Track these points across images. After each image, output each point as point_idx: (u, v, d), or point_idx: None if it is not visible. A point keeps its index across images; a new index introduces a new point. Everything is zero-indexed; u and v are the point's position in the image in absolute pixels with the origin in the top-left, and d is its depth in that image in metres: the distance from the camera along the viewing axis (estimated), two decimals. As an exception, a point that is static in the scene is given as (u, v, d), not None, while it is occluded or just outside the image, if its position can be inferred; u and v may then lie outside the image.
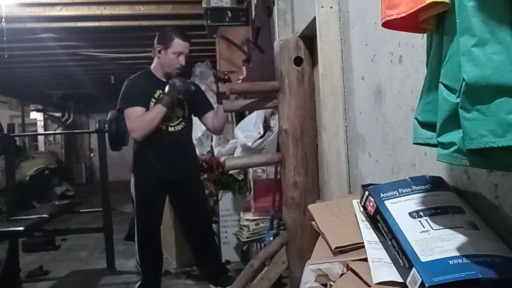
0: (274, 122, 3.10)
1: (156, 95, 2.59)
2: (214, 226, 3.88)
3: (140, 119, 2.51)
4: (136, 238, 2.75)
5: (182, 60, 2.59)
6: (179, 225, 2.92)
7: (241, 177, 3.60)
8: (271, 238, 2.59)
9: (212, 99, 2.99)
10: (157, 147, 2.60)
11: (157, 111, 2.50)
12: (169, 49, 2.56)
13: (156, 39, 2.65)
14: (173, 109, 2.61)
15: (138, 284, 2.78)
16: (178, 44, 2.57)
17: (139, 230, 2.74)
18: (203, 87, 3.12)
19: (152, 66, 2.69)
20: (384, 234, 0.95)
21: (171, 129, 2.63)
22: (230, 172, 3.49)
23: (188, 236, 2.90)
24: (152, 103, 2.57)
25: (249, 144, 3.10)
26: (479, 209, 0.94)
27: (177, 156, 2.66)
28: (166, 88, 2.53)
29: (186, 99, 2.66)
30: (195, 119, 2.87)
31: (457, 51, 0.66)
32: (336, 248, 1.11)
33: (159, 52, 2.60)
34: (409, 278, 0.83)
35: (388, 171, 1.39)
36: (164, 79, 2.63)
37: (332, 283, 1.04)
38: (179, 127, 2.66)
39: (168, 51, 2.57)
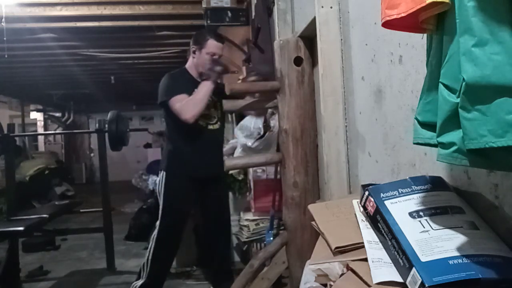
0: (274, 122, 3.10)
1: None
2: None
3: (190, 100, 2.49)
4: (155, 237, 2.64)
5: None
6: (200, 226, 2.89)
7: (241, 177, 3.60)
8: (271, 238, 2.59)
9: None
10: (199, 144, 2.61)
11: (206, 89, 2.50)
12: (204, 49, 2.59)
13: (191, 40, 2.69)
14: (210, 109, 2.64)
15: (140, 283, 2.71)
16: (212, 44, 2.60)
17: (163, 230, 2.63)
18: None
19: (187, 65, 2.71)
20: (384, 234, 0.96)
21: (210, 127, 2.66)
22: (230, 172, 3.49)
23: (206, 237, 2.87)
24: None
25: (249, 144, 3.10)
26: (479, 209, 0.94)
27: (214, 155, 2.69)
28: (210, 66, 2.54)
29: (219, 99, 2.67)
30: None
31: (457, 51, 0.66)
32: (336, 248, 1.11)
33: (194, 52, 2.64)
34: (409, 278, 0.83)
35: (388, 171, 1.39)
36: (199, 79, 2.65)
37: (332, 283, 1.04)
38: (216, 126, 2.69)
39: (202, 52, 2.60)
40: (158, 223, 2.67)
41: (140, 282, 2.68)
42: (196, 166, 2.63)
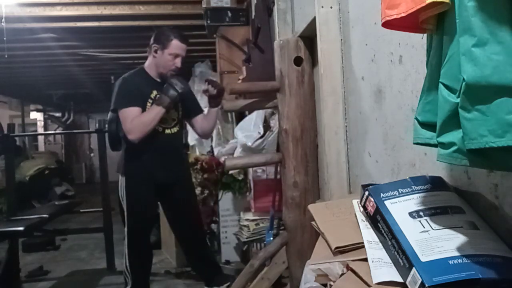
0: (274, 122, 3.10)
1: (152, 96, 2.52)
2: (214, 226, 3.89)
3: (138, 120, 2.42)
4: (126, 242, 2.62)
5: (178, 62, 2.53)
6: (171, 229, 2.89)
7: (241, 177, 3.60)
8: (271, 238, 2.59)
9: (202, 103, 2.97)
10: (154, 149, 2.53)
11: (156, 111, 2.42)
12: (166, 49, 2.49)
13: (153, 38, 2.58)
14: (169, 112, 2.55)
15: None
16: (176, 45, 2.50)
17: (130, 234, 2.62)
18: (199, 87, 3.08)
19: (146, 65, 2.62)
20: (384, 234, 0.96)
21: (167, 131, 2.58)
22: (230, 172, 3.49)
23: (179, 240, 2.88)
24: (149, 104, 2.50)
25: (249, 144, 3.10)
26: (479, 209, 0.94)
27: (172, 159, 2.62)
28: (165, 89, 2.45)
29: (181, 101, 2.60)
30: None
31: (457, 51, 0.66)
32: (336, 248, 1.11)
33: (155, 51, 2.53)
34: (409, 278, 0.83)
35: (388, 171, 1.39)
36: (158, 79, 2.57)
37: (332, 283, 1.04)
38: (174, 130, 2.61)
39: (164, 52, 2.50)
40: (126, 228, 2.63)
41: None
42: (152, 171, 2.57)
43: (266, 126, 3.24)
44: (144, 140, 2.47)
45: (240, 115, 3.99)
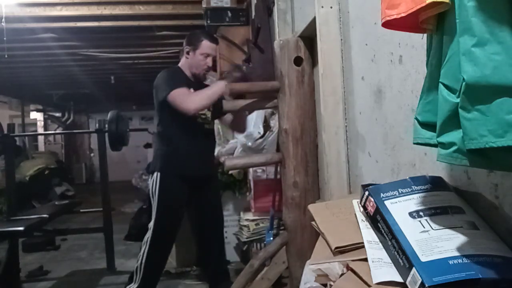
0: (274, 122, 3.10)
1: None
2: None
3: (197, 93, 2.47)
4: (149, 239, 2.56)
5: (209, 61, 2.62)
6: (194, 227, 2.86)
7: (241, 177, 3.60)
8: (271, 238, 2.59)
9: None
10: (197, 142, 2.60)
11: (217, 88, 2.44)
12: (198, 50, 2.59)
13: (185, 40, 2.69)
14: (205, 110, 2.64)
15: (134, 287, 2.60)
16: (207, 46, 2.60)
17: (157, 232, 2.56)
18: None
19: (180, 65, 2.70)
20: (384, 234, 0.96)
21: (207, 126, 2.66)
22: (230, 172, 3.49)
23: (202, 238, 2.82)
24: None
25: (249, 144, 3.10)
26: (479, 209, 0.94)
27: (208, 154, 2.70)
28: (232, 70, 2.58)
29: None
30: None
31: (457, 51, 0.66)
32: (336, 248, 1.11)
33: (188, 53, 2.63)
34: (409, 278, 0.83)
35: (388, 171, 1.39)
36: (192, 79, 2.66)
37: (332, 283, 1.04)
38: (211, 126, 2.71)
39: (196, 52, 2.60)
40: (152, 225, 2.58)
41: (134, 286, 2.60)
42: (193, 165, 2.60)
43: (266, 126, 3.24)
44: (188, 133, 2.56)
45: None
